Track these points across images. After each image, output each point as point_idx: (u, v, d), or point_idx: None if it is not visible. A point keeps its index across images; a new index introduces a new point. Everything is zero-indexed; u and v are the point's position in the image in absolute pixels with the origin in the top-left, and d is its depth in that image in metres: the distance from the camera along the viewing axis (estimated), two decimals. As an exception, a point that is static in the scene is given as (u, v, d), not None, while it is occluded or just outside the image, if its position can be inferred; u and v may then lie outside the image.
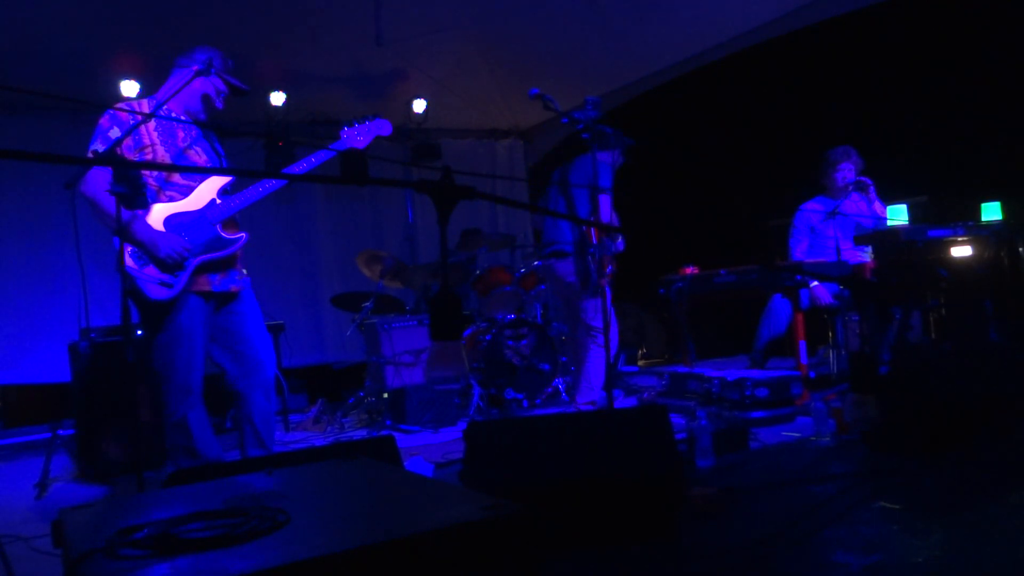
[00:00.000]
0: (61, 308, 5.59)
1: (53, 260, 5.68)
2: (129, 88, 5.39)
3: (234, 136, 3.39)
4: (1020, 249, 3.97)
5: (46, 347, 5.60)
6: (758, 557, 2.19)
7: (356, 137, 3.28)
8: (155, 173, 3.04)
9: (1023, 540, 2.17)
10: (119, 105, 3.01)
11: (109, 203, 2.78)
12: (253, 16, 5.05)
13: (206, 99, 3.19)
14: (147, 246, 2.95)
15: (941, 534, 2.22)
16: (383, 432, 4.64)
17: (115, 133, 2.98)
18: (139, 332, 4.39)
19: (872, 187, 4.83)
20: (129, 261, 2.96)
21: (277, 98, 6.08)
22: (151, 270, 2.98)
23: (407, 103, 6.63)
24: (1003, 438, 3.22)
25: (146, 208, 2.96)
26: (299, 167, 3.19)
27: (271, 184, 3.17)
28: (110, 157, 2.86)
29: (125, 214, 2.87)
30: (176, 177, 3.07)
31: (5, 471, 4.54)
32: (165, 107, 3.12)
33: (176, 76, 3.18)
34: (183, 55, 3.19)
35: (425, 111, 6.69)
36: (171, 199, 3.06)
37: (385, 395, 5.06)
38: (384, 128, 3.32)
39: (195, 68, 3.12)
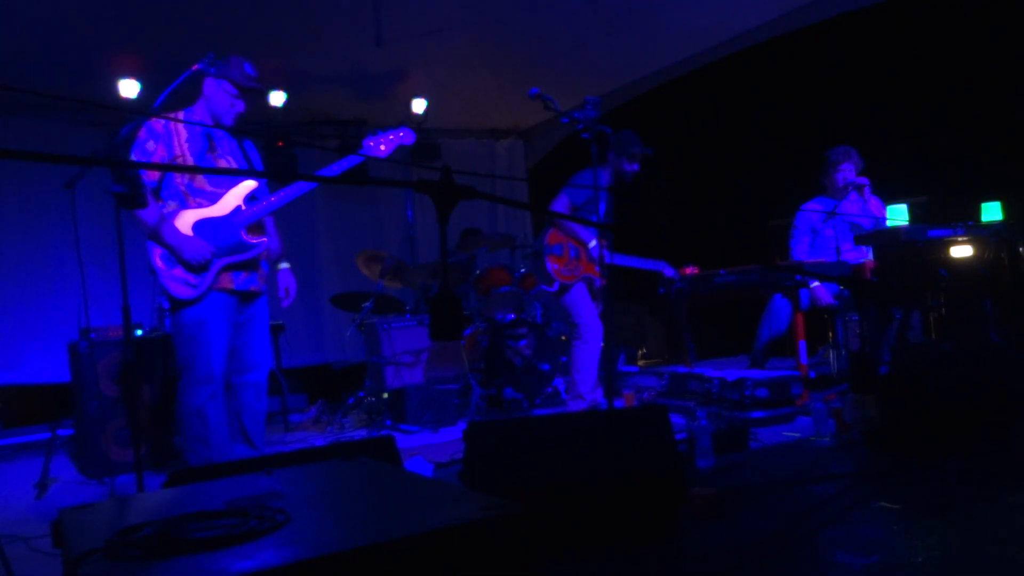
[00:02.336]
0: (61, 308, 5.59)
1: (53, 260, 5.68)
2: (128, 88, 5.39)
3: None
4: (1020, 249, 3.96)
5: (46, 347, 5.60)
6: (758, 557, 2.19)
7: (378, 147, 3.37)
8: (185, 182, 3.19)
9: (1023, 540, 2.17)
10: (156, 119, 3.11)
11: (143, 215, 3.08)
12: (253, 16, 5.05)
13: (225, 104, 3.27)
14: (174, 249, 3.12)
15: (941, 534, 2.22)
16: (383, 432, 4.64)
17: (151, 146, 3.15)
18: (139, 332, 4.41)
19: (868, 186, 4.83)
20: (159, 262, 3.16)
21: (277, 98, 6.08)
22: (178, 271, 3.15)
23: (407, 103, 6.63)
24: (1003, 438, 3.22)
25: (145, 206, 2.99)
26: (329, 171, 3.37)
27: (291, 192, 3.33)
28: (110, 157, 2.88)
29: (155, 218, 3.11)
30: (205, 185, 3.23)
31: (5, 471, 4.53)
32: (191, 115, 3.25)
33: (205, 85, 3.27)
34: (214, 67, 3.27)
35: (425, 111, 6.69)
36: (200, 205, 3.21)
37: (385, 395, 5.06)
38: (408, 137, 3.42)
39: (195, 68, 3.18)
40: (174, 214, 3.17)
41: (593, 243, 4.60)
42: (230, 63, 3.24)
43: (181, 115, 3.25)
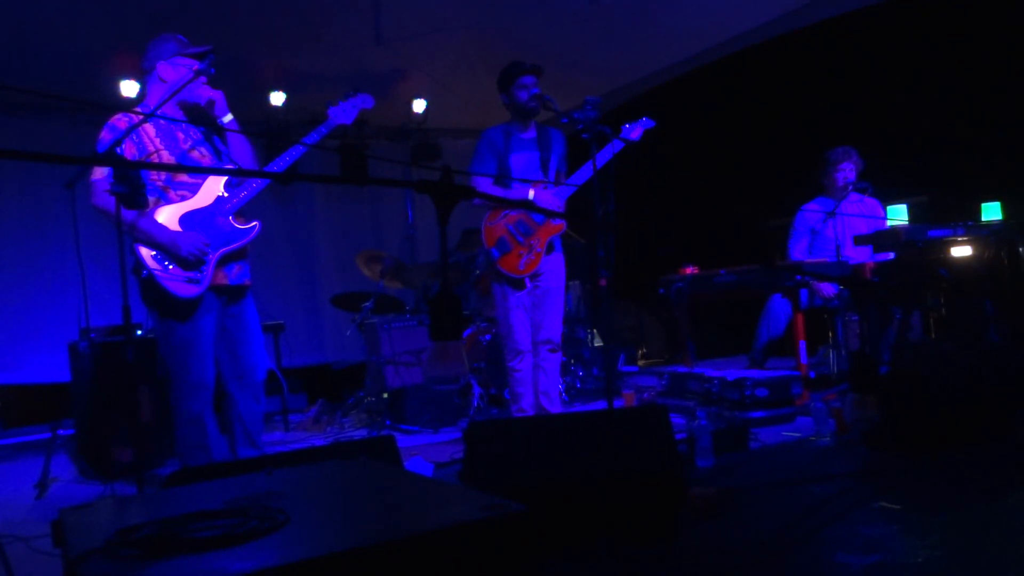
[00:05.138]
0: (61, 308, 5.59)
1: (53, 260, 5.68)
2: (128, 88, 5.39)
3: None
4: (1020, 249, 3.97)
5: (46, 347, 5.60)
6: (758, 557, 2.19)
7: (342, 114, 3.34)
8: (163, 175, 3.07)
9: (1023, 540, 2.17)
10: (118, 116, 3.04)
11: (132, 217, 2.92)
12: (253, 16, 5.05)
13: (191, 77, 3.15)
14: (168, 247, 2.99)
15: (941, 534, 2.22)
16: (383, 432, 4.64)
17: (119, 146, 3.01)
18: (139, 332, 4.41)
19: (870, 188, 4.84)
20: (152, 263, 3.00)
21: (277, 98, 6.08)
22: (176, 269, 3.02)
23: (407, 103, 6.63)
24: (1003, 438, 3.22)
25: (146, 207, 2.97)
26: (293, 152, 3.27)
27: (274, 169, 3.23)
28: (110, 157, 2.87)
29: (143, 219, 2.98)
30: (183, 176, 3.11)
31: (5, 471, 4.53)
32: (161, 110, 3.11)
33: (162, 72, 3.14)
34: (156, 51, 3.15)
35: (425, 111, 6.69)
36: (183, 198, 3.10)
37: (385, 395, 5.06)
38: (367, 102, 3.37)
39: (196, 68, 3.13)
40: (153, 211, 3.04)
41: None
42: (163, 43, 3.15)
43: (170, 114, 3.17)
